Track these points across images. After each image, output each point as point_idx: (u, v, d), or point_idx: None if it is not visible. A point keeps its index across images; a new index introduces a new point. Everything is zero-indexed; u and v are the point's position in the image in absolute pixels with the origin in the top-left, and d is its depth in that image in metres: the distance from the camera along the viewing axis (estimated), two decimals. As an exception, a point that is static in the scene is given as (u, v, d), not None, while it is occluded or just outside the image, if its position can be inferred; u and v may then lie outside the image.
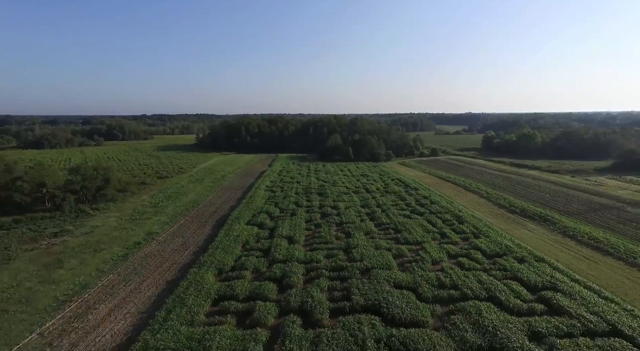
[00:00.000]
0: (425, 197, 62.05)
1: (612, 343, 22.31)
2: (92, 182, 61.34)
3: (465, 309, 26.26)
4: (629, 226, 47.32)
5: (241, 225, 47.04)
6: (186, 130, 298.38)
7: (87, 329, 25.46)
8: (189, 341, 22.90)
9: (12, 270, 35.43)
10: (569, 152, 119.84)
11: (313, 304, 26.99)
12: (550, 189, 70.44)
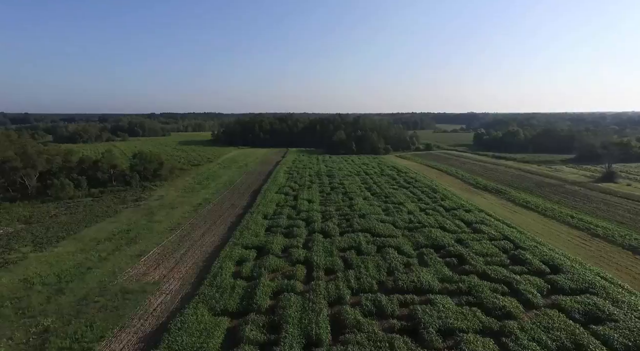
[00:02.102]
0: (411, 178, 78.79)
1: (502, 243, 38.77)
2: (151, 165, 78.60)
3: (422, 231, 42.94)
4: (559, 195, 63.85)
5: (272, 194, 63.98)
6: (199, 128, 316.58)
7: (194, 239, 42.44)
8: (259, 242, 39.76)
9: (125, 217, 52.59)
10: (547, 147, 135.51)
11: (328, 229, 43.78)
12: (514, 174, 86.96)
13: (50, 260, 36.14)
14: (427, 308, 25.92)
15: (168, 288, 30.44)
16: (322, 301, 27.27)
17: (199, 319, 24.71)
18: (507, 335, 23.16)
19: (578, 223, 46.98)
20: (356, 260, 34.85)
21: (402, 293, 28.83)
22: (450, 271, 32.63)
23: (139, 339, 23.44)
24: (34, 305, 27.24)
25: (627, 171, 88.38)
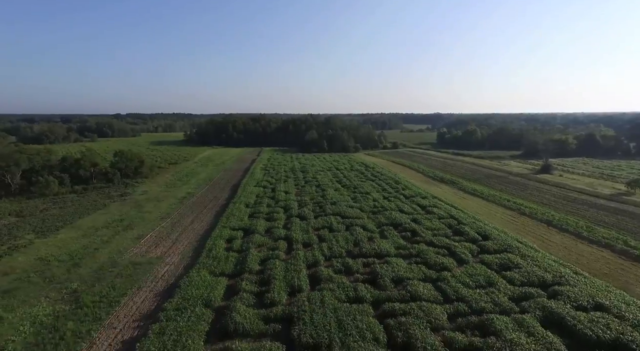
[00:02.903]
0: (378, 172, 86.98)
1: (448, 221, 46.95)
2: (132, 163, 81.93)
3: (384, 213, 50.53)
4: (502, 185, 73.98)
5: (251, 187, 69.76)
6: (169, 128, 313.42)
7: (185, 225, 47.74)
8: (245, 225, 45.76)
9: (115, 209, 56.71)
10: (501, 144, 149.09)
11: (304, 214, 50.43)
12: (469, 168, 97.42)
13: (57, 243, 40.44)
14: (384, 266, 33.18)
15: (170, 260, 35.97)
16: (302, 264, 33.91)
17: (203, 279, 30.64)
18: (442, 280, 30.74)
19: (512, 205, 56.43)
20: (328, 236, 41.74)
21: (366, 257, 35.97)
22: (405, 241, 40.23)
23: (155, 294, 29.08)
24: (57, 275, 32.05)
25: (563, 164, 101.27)
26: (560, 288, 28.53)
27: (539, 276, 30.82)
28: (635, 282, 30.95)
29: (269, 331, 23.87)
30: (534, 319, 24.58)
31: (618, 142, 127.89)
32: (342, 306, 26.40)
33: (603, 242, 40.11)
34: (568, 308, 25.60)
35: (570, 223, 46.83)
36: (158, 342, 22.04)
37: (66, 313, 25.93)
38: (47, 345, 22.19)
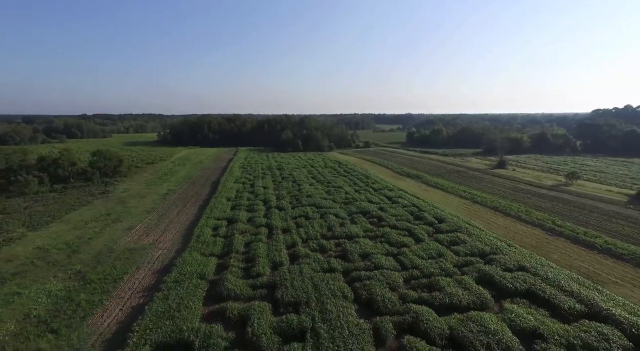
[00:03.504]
0: (350, 169, 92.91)
1: (410, 209, 53.21)
2: (110, 162, 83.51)
3: (354, 203, 56.15)
4: (461, 178, 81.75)
5: (231, 183, 73.66)
6: (141, 129, 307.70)
7: (171, 217, 51.32)
8: (228, 215, 49.99)
9: (99, 205, 59.16)
10: (465, 143, 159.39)
11: (282, 205, 55.25)
12: (434, 164, 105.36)
13: (50, 235, 43.13)
14: (353, 245, 38.61)
15: (163, 246, 39.82)
16: (282, 245, 38.79)
17: (195, 258, 34.90)
18: (401, 254, 36.50)
19: (467, 195, 63.66)
20: (305, 223, 46.80)
21: (337, 238, 41.31)
22: (372, 226, 45.91)
23: (153, 272, 33.07)
24: (59, 260, 35.26)
25: (517, 160, 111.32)
26: (495, 257, 35.01)
27: (480, 248, 37.27)
28: (554, 251, 38.04)
29: (257, 295, 28.64)
30: (471, 278, 30.72)
31: (567, 140, 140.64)
32: (317, 275, 31.56)
33: (537, 223, 47.53)
34: (498, 270, 31.95)
35: (513, 208, 54.32)
36: (164, 305, 26.32)
37: (76, 287, 29.57)
38: (66, 311, 25.94)
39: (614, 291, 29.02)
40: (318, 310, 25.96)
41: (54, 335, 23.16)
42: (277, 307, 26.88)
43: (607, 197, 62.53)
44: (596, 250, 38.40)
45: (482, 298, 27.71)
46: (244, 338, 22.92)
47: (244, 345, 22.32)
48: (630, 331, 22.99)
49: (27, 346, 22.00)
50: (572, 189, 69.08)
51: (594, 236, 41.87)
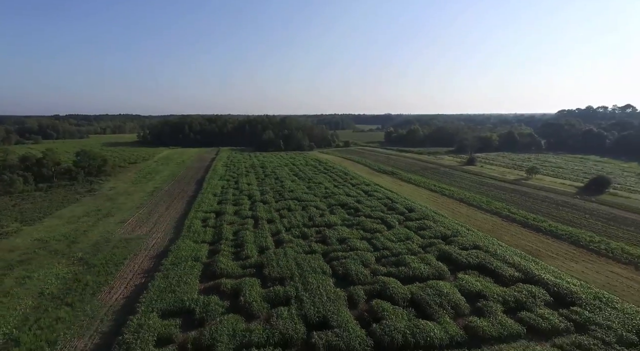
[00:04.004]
0: (330, 166, 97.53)
1: (384, 201, 58.19)
2: (95, 162, 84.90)
3: (333, 197, 60.65)
4: (433, 174, 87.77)
5: (215, 180, 76.81)
6: (119, 130, 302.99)
7: (161, 212, 54.31)
8: (215, 209, 53.46)
9: (88, 202, 61.28)
10: (439, 142, 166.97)
11: (266, 199, 59.13)
12: (409, 162, 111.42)
13: (45, 229, 45.50)
14: (332, 232, 42.98)
15: (156, 236, 43.05)
16: (267, 233, 42.78)
17: (188, 245, 38.43)
18: (374, 238, 41.13)
19: (437, 189, 69.34)
20: (288, 214, 50.90)
21: (318, 227, 45.61)
22: (349, 216, 50.46)
23: (150, 258, 36.42)
24: (60, 249, 38.01)
25: (486, 158, 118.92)
26: (455, 239, 40.19)
27: (442, 232, 42.40)
28: (506, 234, 43.68)
29: (246, 273, 32.58)
30: (432, 256, 35.67)
31: (532, 138, 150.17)
32: (300, 256, 35.79)
33: (495, 211, 53.39)
34: (456, 249, 37.05)
35: (476, 199, 60.20)
36: (165, 282, 29.90)
37: (82, 271, 32.66)
38: (76, 289, 29.12)
39: (548, 262, 34.61)
40: (301, 282, 30.19)
41: (70, 308, 26.41)
42: (265, 282, 30.93)
43: (559, 189, 69.59)
44: (541, 232, 44.32)
45: (440, 270, 32.63)
46: (238, 305, 26.86)
47: (238, 311, 26.25)
48: (553, 290, 28.35)
49: (48, 316, 25.19)
50: (530, 183, 76.00)
51: (542, 221, 47.91)
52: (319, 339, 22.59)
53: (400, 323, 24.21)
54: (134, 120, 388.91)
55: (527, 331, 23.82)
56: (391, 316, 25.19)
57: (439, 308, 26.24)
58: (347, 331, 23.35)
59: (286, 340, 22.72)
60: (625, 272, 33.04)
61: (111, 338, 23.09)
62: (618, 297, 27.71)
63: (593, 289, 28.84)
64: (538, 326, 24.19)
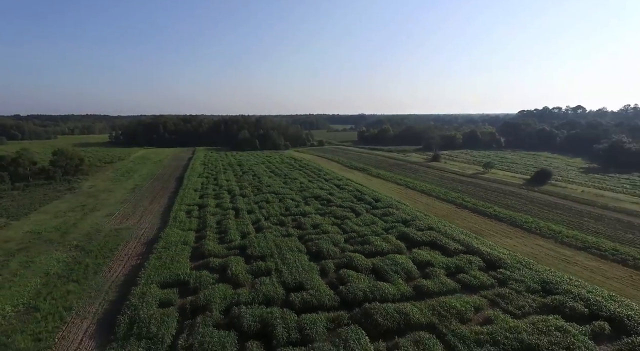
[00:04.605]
0: (305, 164, 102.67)
1: (354, 193, 63.93)
2: (72, 161, 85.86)
3: (308, 190, 65.84)
4: (401, 170, 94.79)
5: (195, 177, 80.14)
6: (87, 130, 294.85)
7: (145, 206, 57.52)
8: (198, 202, 57.32)
9: (71, 199, 63.33)
10: (409, 140, 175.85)
11: (246, 193, 63.51)
12: (379, 159, 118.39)
13: (34, 223, 47.91)
14: (306, 219, 48.11)
15: (144, 226, 46.63)
16: (248, 221, 47.37)
17: (176, 232, 42.43)
18: (343, 224, 46.57)
19: (402, 182, 76.03)
20: (266, 205, 55.61)
21: (294, 216, 50.60)
22: (322, 206, 55.78)
23: (141, 244, 40.19)
24: (54, 238, 41.00)
25: (450, 155, 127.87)
26: (413, 222, 46.33)
27: (403, 218, 48.48)
28: (457, 218, 50.40)
29: (231, 253, 37.11)
30: (393, 236, 41.50)
31: (493, 137, 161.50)
32: (278, 238, 40.71)
33: (450, 200, 60.37)
34: (413, 230, 43.10)
35: (436, 190, 67.17)
36: (159, 261, 34.01)
37: (80, 255, 36.12)
38: (79, 270, 32.71)
39: (488, 239, 41.32)
40: (279, 258, 35.15)
41: (76, 283, 30.12)
42: (249, 259, 35.64)
43: (509, 181, 78.06)
44: (487, 216, 51.43)
45: (399, 247, 38.48)
46: (226, 277, 31.45)
47: (227, 281, 30.84)
48: (487, 258, 34.78)
49: (58, 290, 28.84)
50: (486, 176, 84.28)
51: (489, 207, 55.17)
52: (296, 297, 27.65)
53: (362, 284, 29.66)
54: (103, 121, 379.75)
55: (461, 287, 29.89)
56: (355, 280, 30.62)
57: (394, 274, 31.94)
58: (319, 291, 28.55)
59: (269, 300, 27.61)
60: (547, 244, 40.24)
61: (118, 304, 27.16)
62: (535, 261, 34.50)
63: (518, 256, 35.55)
64: (470, 283, 30.34)
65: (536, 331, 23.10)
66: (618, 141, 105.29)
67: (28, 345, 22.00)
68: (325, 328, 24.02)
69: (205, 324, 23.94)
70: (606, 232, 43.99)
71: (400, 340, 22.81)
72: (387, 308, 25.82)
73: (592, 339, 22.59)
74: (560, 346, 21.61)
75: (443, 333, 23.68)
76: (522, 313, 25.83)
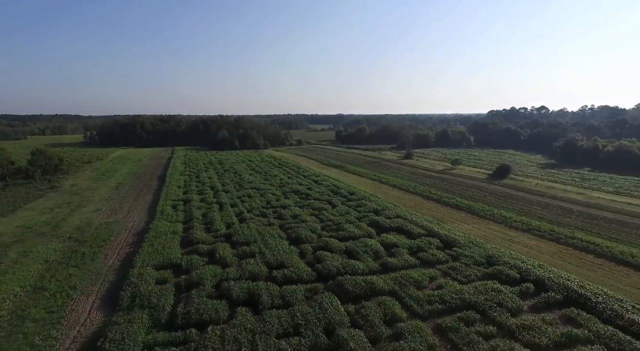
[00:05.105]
0: (284, 162, 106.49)
1: (331, 187, 68.44)
2: (52, 161, 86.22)
3: (287, 186, 69.84)
4: (375, 167, 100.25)
5: (177, 175, 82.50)
6: (59, 131, 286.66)
7: (131, 202, 59.89)
8: (182, 198, 60.24)
9: (55, 196, 64.69)
10: (385, 139, 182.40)
11: (228, 189, 66.82)
12: (356, 157, 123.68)
13: (22, 219, 49.64)
14: (286, 211, 52.13)
15: (132, 219, 49.36)
16: (232, 214, 50.94)
17: (164, 224, 45.53)
18: (321, 214, 50.92)
19: (376, 178, 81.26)
20: (248, 199, 59.26)
21: (274, 208, 54.54)
22: (301, 199, 59.96)
23: (132, 234, 43.11)
24: (47, 232, 43.25)
25: (423, 153, 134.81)
26: (383, 212, 51.24)
27: (374, 208, 53.32)
28: (424, 208, 55.79)
29: (218, 240, 40.72)
30: (364, 224, 46.17)
31: (463, 136, 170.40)
32: (261, 227, 44.60)
33: (419, 193, 65.92)
34: (382, 219, 47.94)
35: (406, 185, 72.69)
36: (152, 248, 37.23)
37: (75, 245, 38.78)
38: (76, 257, 35.49)
39: (448, 224, 46.71)
40: (262, 244, 39.09)
41: (76, 268, 33.03)
42: (234, 245, 39.35)
43: (474, 175, 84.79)
44: (449, 206, 57.10)
45: (369, 232, 43.16)
46: (214, 260, 35.10)
47: (215, 263, 34.49)
48: (444, 239, 39.96)
49: (60, 273, 31.70)
50: (453, 172, 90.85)
51: (452, 198, 60.95)
52: (278, 274, 31.73)
53: (336, 262, 34.04)
54: (74, 121, 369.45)
55: (421, 263, 34.80)
56: (330, 259, 34.97)
57: (364, 254, 36.53)
58: (298, 268, 32.74)
59: (254, 276, 31.55)
60: (498, 228, 46.05)
61: (118, 284, 30.37)
62: (485, 241, 40.01)
63: (471, 238, 40.96)
64: (428, 259, 35.30)
65: (476, 292, 28.21)
66: (572, 139, 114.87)
67: (43, 316, 25.07)
68: (303, 296, 28.24)
69: (199, 295, 27.66)
70: (549, 217, 50.41)
71: (366, 303, 27.28)
72: (356, 279, 30.30)
73: (519, 296, 27.85)
74: (493, 302, 26.74)
75: (402, 296, 28.39)
76: (467, 280, 30.94)
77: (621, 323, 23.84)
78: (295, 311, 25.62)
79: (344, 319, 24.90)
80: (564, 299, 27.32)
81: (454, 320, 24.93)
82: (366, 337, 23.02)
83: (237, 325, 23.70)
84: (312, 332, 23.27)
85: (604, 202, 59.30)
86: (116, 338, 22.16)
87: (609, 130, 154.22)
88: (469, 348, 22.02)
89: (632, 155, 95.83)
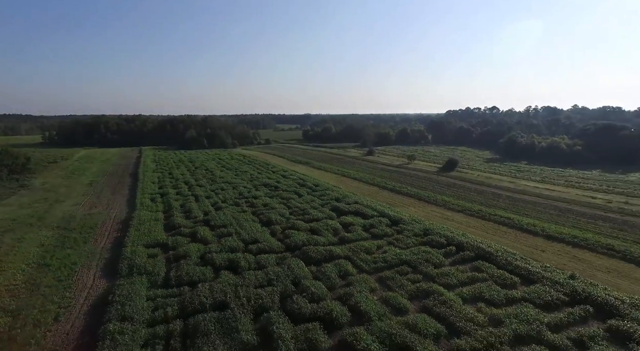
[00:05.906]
0: (254, 159, 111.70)
1: (298, 181, 75.02)
2: (18, 160, 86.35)
3: (258, 180, 75.61)
4: (339, 163, 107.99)
5: (150, 173, 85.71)
6: (11, 131, 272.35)
7: (109, 197, 63.26)
8: (159, 192, 64.42)
9: (29, 193, 66.49)
10: (349, 138, 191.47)
11: (202, 184, 71.58)
12: (322, 155, 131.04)
13: (3, 212, 52.11)
14: (258, 201, 58.14)
15: (114, 211, 53.35)
16: (208, 204, 56.22)
17: (145, 214, 50.13)
18: (289, 202, 57.34)
19: (339, 172, 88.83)
20: (221, 192, 64.58)
21: (247, 199, 60.32)
22: (270, 191, 66.09)
23: (116, 223, 47.43)
24: (33, 223, 46.54)
25: (384, 150, 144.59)
26: (344, 199, 58.53)
27: (336, 197, 60.52)
28: (379, 196, 63.79)
29: (198, 225, 46.10)
30: (327, 209, 53.20)
31: (422, 134, 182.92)
32: (235, 214, 50.42)
33: (376, 183, 74.10)
34: (343, 204, 55.21)
35: (366, 177, 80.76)
36: (138, 232, 42.08)
37: (66, 232, 42.74)
38: (69, 242, 39.66)
39: (398, 208, 54.77)
40: (238, 226, 45.03)
41: (72, 250, 37.38)
42: (213, 228, 44.91)
43: (426, 169, 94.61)
44: (401, 194, 65.56)
45: (330, 215, 50.21)
46: (197, 239, 40.61)
47: (198, 241, 40.01)
48: (392, 218, 47.81)
49: (58, 253, 36.01)
50: (409, 166, 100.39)
51: (404, 188, 69.55)
52: (253, 247, 37.93)
53: (302, 237, 40.66)
54: (27, 121, 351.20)
55: (371, 236, 42.21)
56: (297, 235, 41.50)
57: (325, 231, 43.45)
58: (270, 243, 39.09)
59: (233, 249, 37.51)
60: (438, 209, 54.76)
61: (113, 260, 35.23)
62: (425, 219, 48.29)
63: (415, 217, 49.10)
64: (378, 234, 42.81)
65: (411, 254, 35.97)
66: (513, 136, 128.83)
67: (54, 283, 29.76)
68: (275, 262, 34.69)
69: (187, 264, 33.33)
70: (481, 201, 59.99)
71: (326, 265, 34.09)
72: (318, 249, 37.12)
73: (443, 255, 35.91)
74: (422, 259, 34.57)
75: (354, 260, 35.54)
76: (406, 246, 38.70)
77: (510, 268, 32.38)
78: (269, 271, 32.02)
79: (307, 275, 31.65)
80: (475, 255, 35.68)
81: (392, 272, 32.40)
82: (324, 286, 29.87)
83: (222, 282, 29.76)
84: (282, 283, 29.82)
85: (529, 188, 70.24)
86: (123, 293, 27.55)
87: (546, 128, 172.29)
88: (399, 289, 29.50)
89: (560, 150, 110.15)
